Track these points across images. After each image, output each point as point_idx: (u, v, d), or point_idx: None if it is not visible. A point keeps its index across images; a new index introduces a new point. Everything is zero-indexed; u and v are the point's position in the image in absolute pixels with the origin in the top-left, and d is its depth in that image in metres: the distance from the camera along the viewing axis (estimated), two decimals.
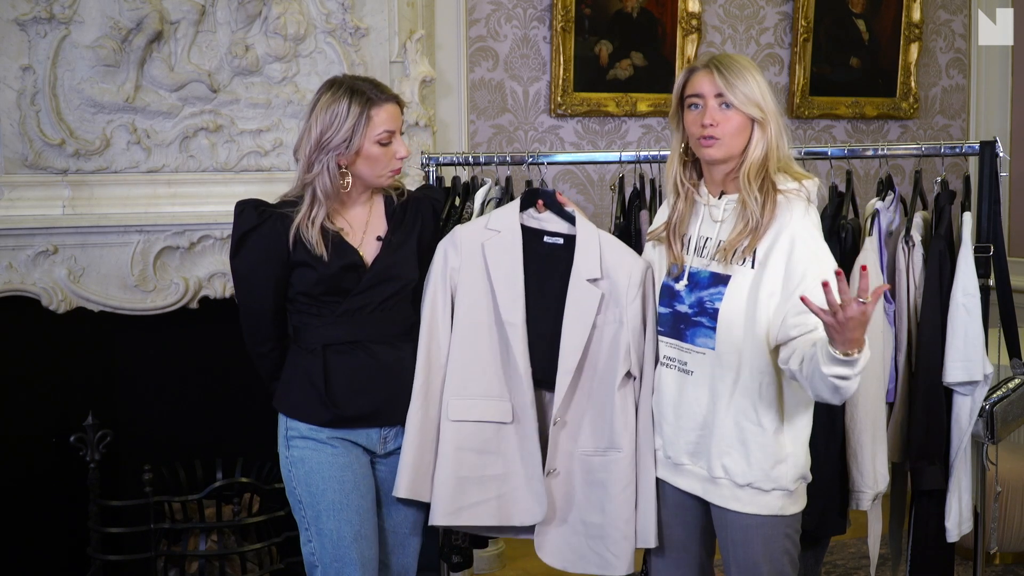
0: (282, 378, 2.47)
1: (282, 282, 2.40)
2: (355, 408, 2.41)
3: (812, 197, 2.22)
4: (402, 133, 2.46)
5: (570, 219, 2.53)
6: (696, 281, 2.25)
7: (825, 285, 1.89)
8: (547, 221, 2.54)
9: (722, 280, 2.20)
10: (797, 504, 2.25)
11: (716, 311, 2.19)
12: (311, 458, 2.40)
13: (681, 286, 2.27)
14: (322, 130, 2.34)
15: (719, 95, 2.19)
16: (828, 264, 2.13)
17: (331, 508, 2.39)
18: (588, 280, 2.45)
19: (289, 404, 2.43)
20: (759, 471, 2.18)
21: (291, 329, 2.48)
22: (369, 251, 2.44)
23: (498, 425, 2.48)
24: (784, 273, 2.15)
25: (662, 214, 2.45)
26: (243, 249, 2.40)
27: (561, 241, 2.52)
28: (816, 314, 1.93)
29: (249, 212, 2.40)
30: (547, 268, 2.51)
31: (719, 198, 2.27)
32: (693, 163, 2.33)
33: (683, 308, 2.26)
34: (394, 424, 2.49)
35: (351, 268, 2.40)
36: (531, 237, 2.54)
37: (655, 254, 2.41)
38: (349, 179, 2.39)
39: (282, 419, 2.45)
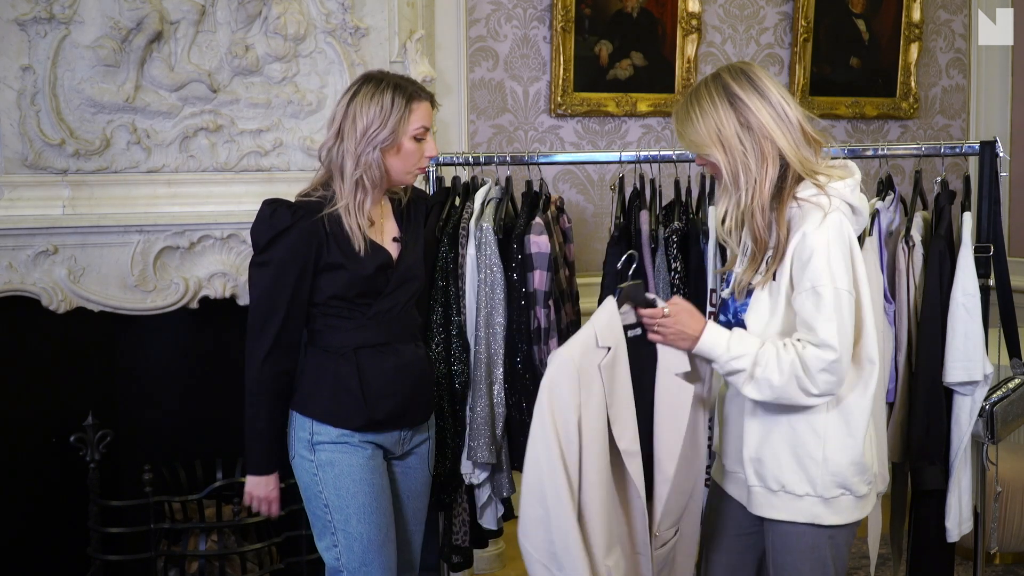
0: (305, 383, 2.43)
1: (310, 284, 2.36)
2: (386, 410, 2.41)
3: (831, 206, 2.09)
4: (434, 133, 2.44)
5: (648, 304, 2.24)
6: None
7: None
8: (627, 314, 2.22)
9: (750, 292, 2.19)
10: (839, 515, 2.16)
11: (742, 322, 2.19)
12: (342, 461, 2.38)
13: (727, 293, 2.28)
14: (368, 123, 2.32)
15: None
16: (823, 277, 2.06)
17: (361, 511, 2.38)
18: (677, 375, 2.21)
19: (320, 409, 2.39)
20: (790, 474, 2.16)
21: (308, 333, 2.45)
22: (392, 252, 2.44)
23: None
24: (788, 281, 2.12)
25: None
26: (274, 248, 2.32)
27: (640, 331, 2.22)
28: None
29: (282, 212, 2.33)
30: (637, 365, 2.20)
31: None
32: None
33: (724, 318, 2.27)
34: (414, 425, 2.50)
35: (383, 268, 2.39)
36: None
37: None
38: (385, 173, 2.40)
39: (304, 423, 2.41)
